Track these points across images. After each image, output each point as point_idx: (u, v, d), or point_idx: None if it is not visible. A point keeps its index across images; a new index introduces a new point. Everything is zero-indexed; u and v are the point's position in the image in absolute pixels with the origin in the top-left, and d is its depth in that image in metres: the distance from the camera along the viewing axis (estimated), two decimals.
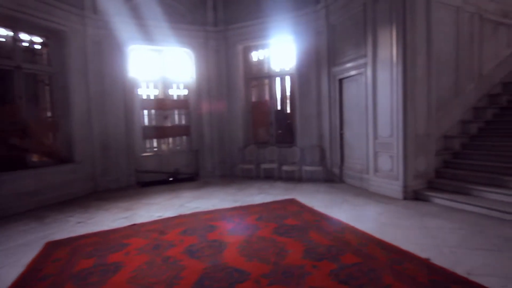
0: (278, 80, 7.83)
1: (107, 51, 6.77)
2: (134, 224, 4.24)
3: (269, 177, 7.37)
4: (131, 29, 6.92)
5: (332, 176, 6.86)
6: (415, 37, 4.92)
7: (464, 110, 6.09)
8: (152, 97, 7.65)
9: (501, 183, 4.44)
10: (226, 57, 7.99)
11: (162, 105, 7.71)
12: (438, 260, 2.81)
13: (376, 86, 5.43)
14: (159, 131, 7.70)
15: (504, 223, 3.75)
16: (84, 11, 6.37)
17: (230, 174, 8.01)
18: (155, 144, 7.77)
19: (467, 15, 6.01)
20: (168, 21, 7.36)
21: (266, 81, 8.01)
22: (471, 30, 6.11)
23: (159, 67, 7.71)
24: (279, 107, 7.95)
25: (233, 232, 3.73)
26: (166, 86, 7.76)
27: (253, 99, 8.23)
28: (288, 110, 7.90)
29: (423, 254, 2.94)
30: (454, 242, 3.25)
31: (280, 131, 7.93)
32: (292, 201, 5.18)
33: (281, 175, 7.20)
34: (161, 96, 7.71)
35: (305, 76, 7.17)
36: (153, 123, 7.70)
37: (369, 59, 5.54)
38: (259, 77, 8.10)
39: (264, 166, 7.29)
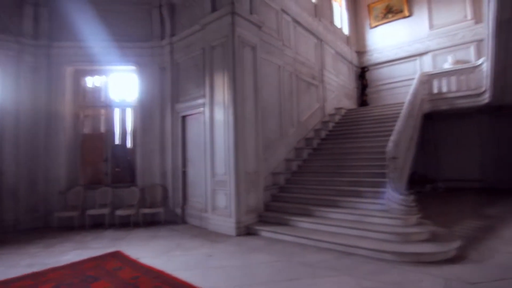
0: (118, 111, 7.01)
1: None
2: None
3: (99, 225, 6.10)
4: None
5: (174, 218, 6.41)
6: (244, 85, 5.47)
7: (288, 150, 7.17)
8: None
9: (309, 212, 5.25)
10: (49, 78, 6.52)
11: None
12: None
13: (213, 125, 5.61)
14: None
15: (307, 248, 4.31)
16: None
17: (44, 226, 6.17)
18: None
19: (287, 73, 7.36)
20: None
21: (103, 111, 7.02)
22: (291, 86, 7.49)
23: None
24: (118, 142, 7.03)
25: None
26: None
27: (85, 131, 6.96)
28: (129, 146, 7.10)
29: None
30: (268, 277, 3.39)
31: (118, 169, 6.94)
32: (115, 255, 4.33)
33: (114, 222, 6.11)
34: None
35: (148, 110, 6.72)
36: None
37: (207, 99, 5.74)
38: (94, 106, 7.02)
39: (91, 212, 5.99)
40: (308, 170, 6.88)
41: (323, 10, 9.67)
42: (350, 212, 4.82)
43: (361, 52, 12.08)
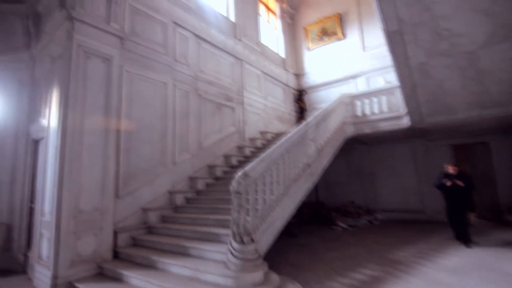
0: None
1: None
2: None
3: None
4: None
5: (17, 266, 5.13)
6: (84, 102, 4.50)
7: (176, 180, 6.09)
8: None
9: (152, 263, 4.08)
10: None
11: None
12: None
13: (47, 151, 4.57)
14: None
15: None
16: None
17: None
18: None
19: (181, 92, 6.47)
20: None
21: None
22: (187, 106, 6.58)
23: None
24: None
25: None
26: None
27: None
28: None
29: None
30: None
31: None
32: None
33: None
34: None
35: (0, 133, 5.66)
36: None
37: (46, 120, 4.75)
38: None
39: None
40: (195, 204, 5.78)
41: (246, 30, 9.12)
42: (187, 266, 3.69)
43: (299, 74, 11.52)
